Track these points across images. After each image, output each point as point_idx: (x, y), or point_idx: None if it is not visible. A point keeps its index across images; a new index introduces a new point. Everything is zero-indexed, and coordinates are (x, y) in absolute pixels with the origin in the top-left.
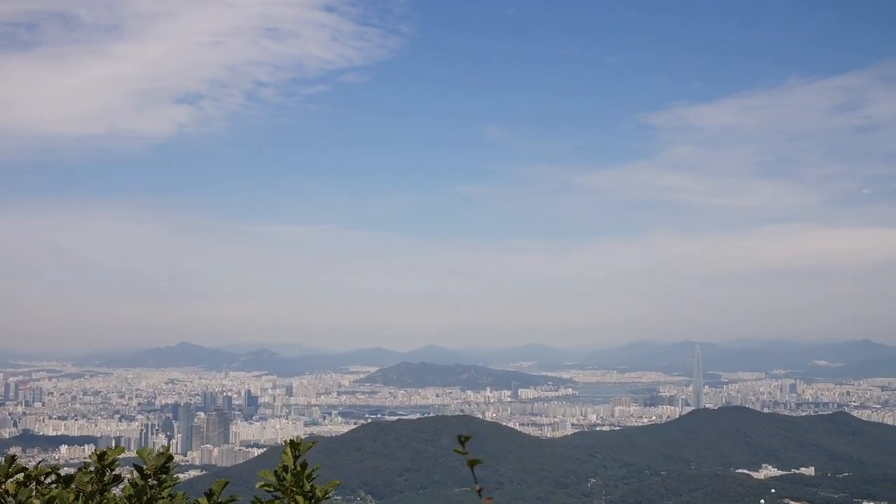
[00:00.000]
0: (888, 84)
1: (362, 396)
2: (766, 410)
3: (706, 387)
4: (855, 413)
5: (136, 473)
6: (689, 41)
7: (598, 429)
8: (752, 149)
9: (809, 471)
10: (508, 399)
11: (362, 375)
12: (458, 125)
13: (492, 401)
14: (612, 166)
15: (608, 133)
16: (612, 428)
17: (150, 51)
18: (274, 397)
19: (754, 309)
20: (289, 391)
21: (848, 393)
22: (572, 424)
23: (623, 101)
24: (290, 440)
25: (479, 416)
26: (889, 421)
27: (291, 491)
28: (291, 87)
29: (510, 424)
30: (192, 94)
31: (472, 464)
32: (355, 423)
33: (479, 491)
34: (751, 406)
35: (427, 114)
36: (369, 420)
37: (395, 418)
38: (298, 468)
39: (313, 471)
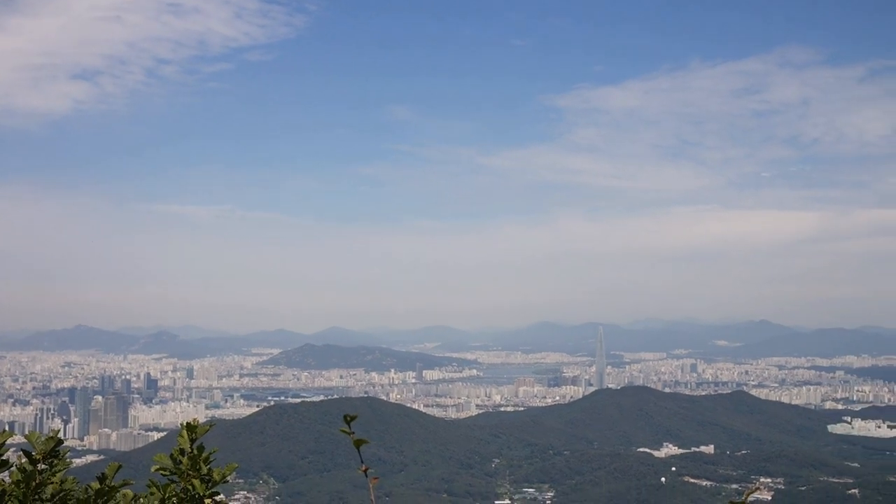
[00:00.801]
0: (787, 69)
1: (265, 379)
2: (667, 390)
3: (609, 367)
4: (753, 392)
5: (24, 458)
6: (595, 24)
7: (502, 409)
8: (656, 131)
9: (709, 449)
10: (413, 380)
11: (265, 358)
12: (362, 105)
13: (396, 382)
14: (518, 148)
15: (513, 114)
16: (517, 408)
17: (46, 25)
18: (174, 380)
19: (657, 290)
20: (189, 374)
21: (746, 372)
22: (477, 405)
23: (529, 83)
24: (187, 423)
25: (384, 397)
26: (786, 399)
27: (188, 474)
28: (193, 64)
29: (415, 406)
30: (89, 70)
31: (357, 444)
32: (258, 406)
33: (364, 471)
34: (652, 386)
35: (331, 93)
36: (272, 403)
37: (299, 401)
38: (195, 451)
39: (210, 454)
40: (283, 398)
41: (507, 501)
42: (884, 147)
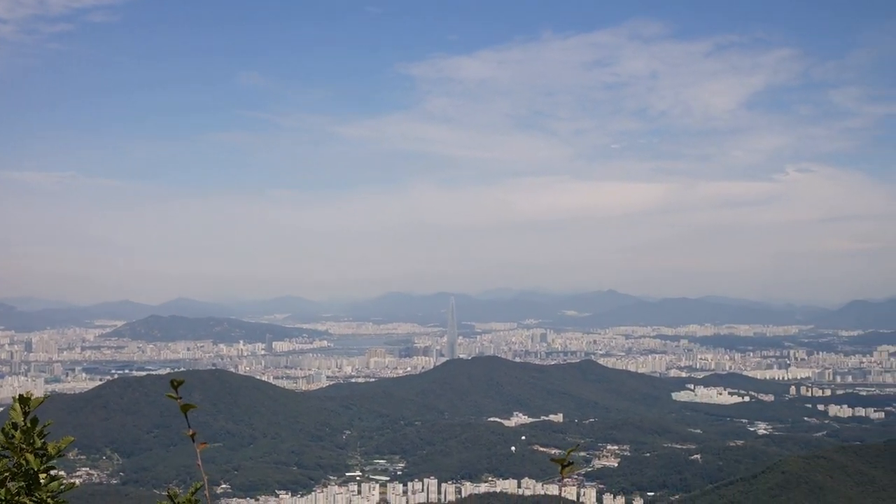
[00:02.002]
0: (636, 42)
1: (108, 352)
2: (517, 360)
3: (460, 337)
4: (601, 361)
5: None
6: None
7: (353, 381)
8: (509, 102)
9: (558, 417)
10: (262, 352)
11: (108, 330)
12: (213, 71)
13: (245, 354)
14: (372, 117)
15: (367, 83)
16: (368, 379)
17: None
18: (11, 354)
19: (508, 260)
20: (28, 347)
21: (595, 342)
22: (328, 377)
23: (383, 51)
24: (20, 395)
25: (233, 369)
26: (632, 368)
27: (21, 449)
28: (33, 24)
29: (264, 378)
30: None
31: (184, 409)
32: (101, 380)
33: (192, 435)
34: (503, 356)
35: (179, 57)
36: (116, 376)
37: (144, 374)
38: (28, 425)
39: (45, 427)
40: (127, 371)
41: (358, 473)
42: (728, 121)
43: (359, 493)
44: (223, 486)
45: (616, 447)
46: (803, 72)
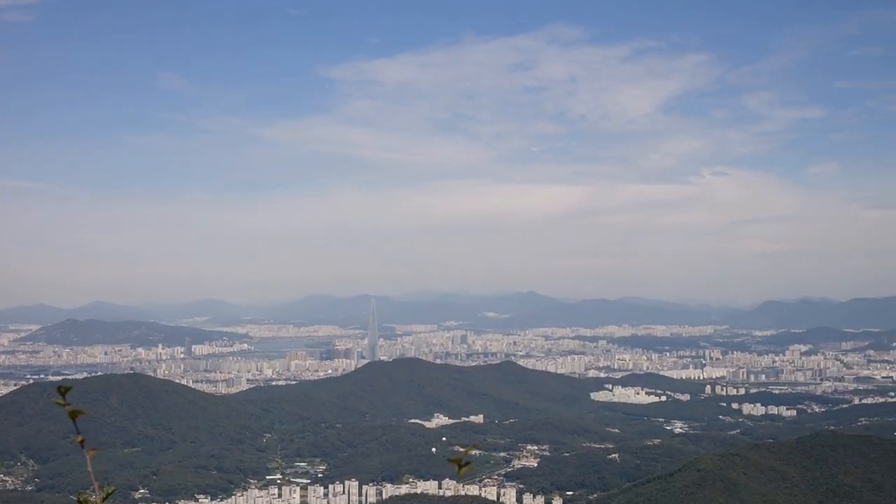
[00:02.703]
0: (556, 46)
1: (23, 356)
2: (438, 361)
3: (381, 339)
4: (521, 362)
5: None
6: None
7: (273, 383)
8: (430, 105)
9: (478, 418)
10: (182, 356)
11: (23, 334)
12: (132, 73)
13: (164, 358)
14: (293, 119)
15: (288, 85)
16: (288, 382)
17: None
18: None
19: (429, 263)
20: None
21: (515, 343)
22: (248, 380)
23: (304, 54)
24: None
25: (151, 373)
26: (552, 369)
27: None
28: None
29: (184, 381)
30: None
31: (73, 415)
32: (15, 385)
33: (81, 442)
34: (424, 358)
35: (97, 59)
36: (31, 381)
37: (60, 378)
38: None
39: None
40: (42, 376)
41: (279, 476)
42: (646, 125)
43: (279, 496)
44: (141, 491)
45: (536, 447)
46: (718, 77)
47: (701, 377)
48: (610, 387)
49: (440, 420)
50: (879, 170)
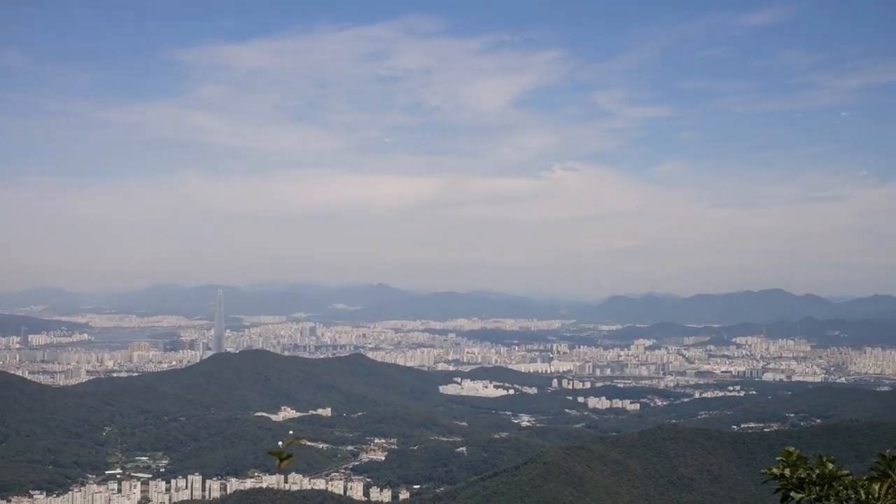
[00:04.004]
0: (411, 37)
1: None
2: (286, 354)
3: (228, 331)
4: (370, 355)
5: None
6: None
7: (115, 375)
8: (282, 92)
9: (326, 411)
10: (17, 346)
11: None
12: None
13: None
14: (141, 102)
15: (137, 68)
16: (131, 374)
17: None
18: None
19: (278, 253)
20: None
21: (364, 335)
22: (87, 371)
23: (154, 36)
24: None
25: None
26: (401, 361)
27: None
28: None
29: (19, 373)
30: None
31: None
32: None
33: None
34: (272, 350)
35: None
36: None
37: None
38: None
39: None
40: None
41: (119, 471)
42: (499, 118)
43: (119, 491)
44: None
45: (384, 441)
46: (570, 73)
47: (548, 371)
48: (459, 380)
49: (287, 413)
50: (723, 169)
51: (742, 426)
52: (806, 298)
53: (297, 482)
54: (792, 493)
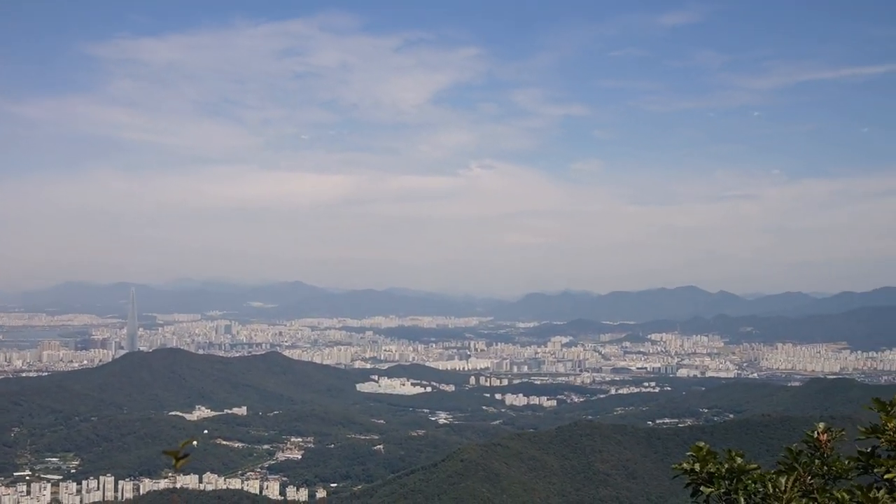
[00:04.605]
0: (328, 34)
1: None
2: (201, 352)
3: (141, 329)
4: (286, 353)
5: None
6: None
7: (24, 375)
8: (197, 88)
9: (242, 410)
10: None
11: None
12: None
13: None
14: (52, 97)
15: (47, 61)
16: (40, 374)
17: None
18: None
19: (193, 250)
20: None
21: (280, 333)
22: None
23: (65, 29)
24: None
25: None
26: (318, 360)
27: None
28: None
29: None
30: None
31: None
32: None
33: None
34: (186, 348)
35: None
36: None
37: None
38: None
39: None
40: None
41: (28, 472)
42: (416, 116)
43: (28, 493)
44: None
45: (300, 439)
46: (488, 71)
47: (466, 368)
48: (376, 378)
49: (202, 412)
50: (638, 168)
51: (657, 422)
52: (719, 295)
53: (212, 482)
54: (702, 488)
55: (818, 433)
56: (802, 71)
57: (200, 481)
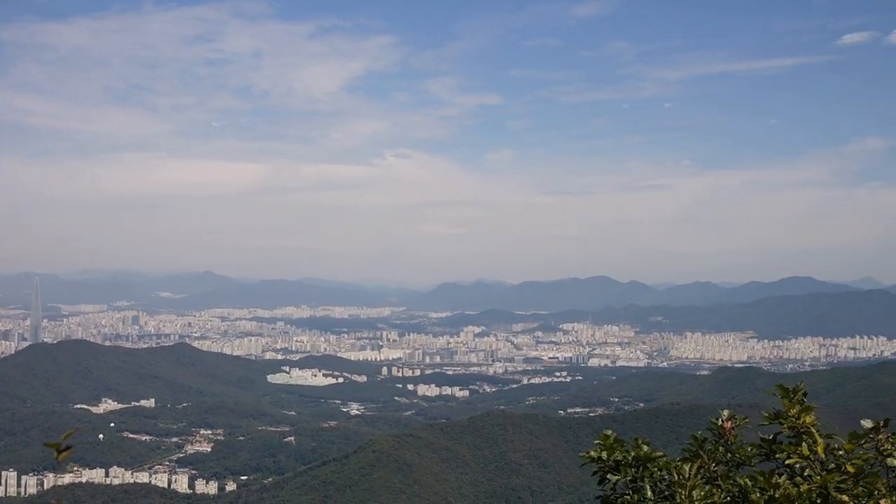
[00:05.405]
0: (241, 20)
1: None
2: (107, 343)
3: (45, 320)
4: (196, 344)
5: None
6: None
7: None
8: (106, 73)
9: (150, 403)
10: None
11: None
12: None
13: None
14: None
15: None
16: None
17: None
18: None
19: (101, 239)
20: None
21: (189, 324)
22: None
23: None
24: None
25: None
26: (228, 351)
27: None
28: None
29: None
30: None
31: None
32: None
33: None
34: (92, 339)
35: None
36: None
37: None
38: None
39: None
40: None
41: None
42: (330, 104)
43: None
44: None
45: (210, 432)
46: (402, 60)
47: (378, 359)
48: (287, 369)
49: (108, 405)
50: (552, 158)
51: (568, 411)
52: (631, 285)
53: (119, 476)
54: (609, 476)
55: (722, 421)
56: (712, 63)
57: (107, 475)
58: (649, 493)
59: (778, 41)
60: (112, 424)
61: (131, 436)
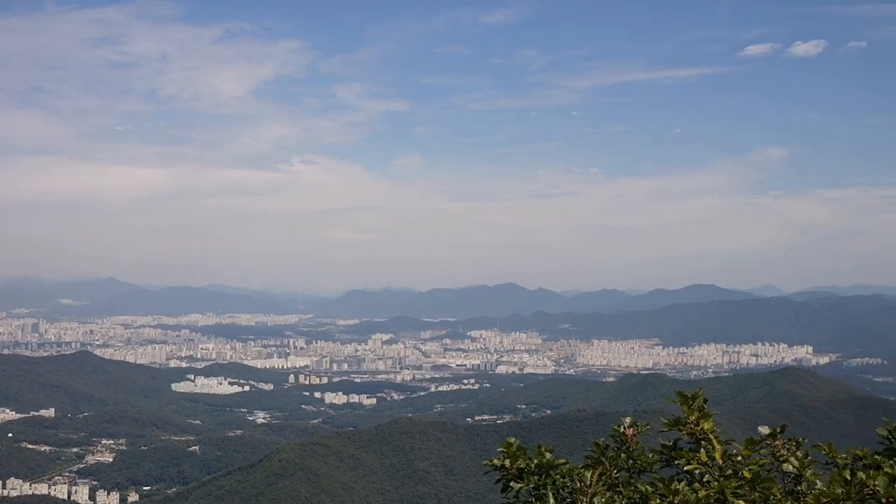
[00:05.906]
0: (147, 22)
1: None
2: (5, 352)
3: None
4: (98, 352)
5: None
6: None
7: None
8: (5, 75)
9: (50, 412)
10: None
11: None
12: None
13: None
14: None
15: None
16: None
17: None
18: None
19: None
20: None
21: (92, 332)
22: None
23: None
24: None
25: None
26: (131, 359)
27: None
28: None
29: None
30: None
31: None
32: None
33: None
34: None
35: None
36: None
37: None
38: None
39: None
40: None
41: None
42: (237, 108)
43: None
44: None
45: (112, 441)
46: (310, 64)
47: (285, 366)
48: (192, 377)
49: (6, 415)
50: (460, 164)
51: (476, 418)
52: (538, 293)
53: (17, 487)
54: (512, 483)
55: (624, 427)
56: (620, 72)
57: (3, 487)
58: (552, 500)
59: (684, 51)
60: (10, 434)
61: (30, 446)
